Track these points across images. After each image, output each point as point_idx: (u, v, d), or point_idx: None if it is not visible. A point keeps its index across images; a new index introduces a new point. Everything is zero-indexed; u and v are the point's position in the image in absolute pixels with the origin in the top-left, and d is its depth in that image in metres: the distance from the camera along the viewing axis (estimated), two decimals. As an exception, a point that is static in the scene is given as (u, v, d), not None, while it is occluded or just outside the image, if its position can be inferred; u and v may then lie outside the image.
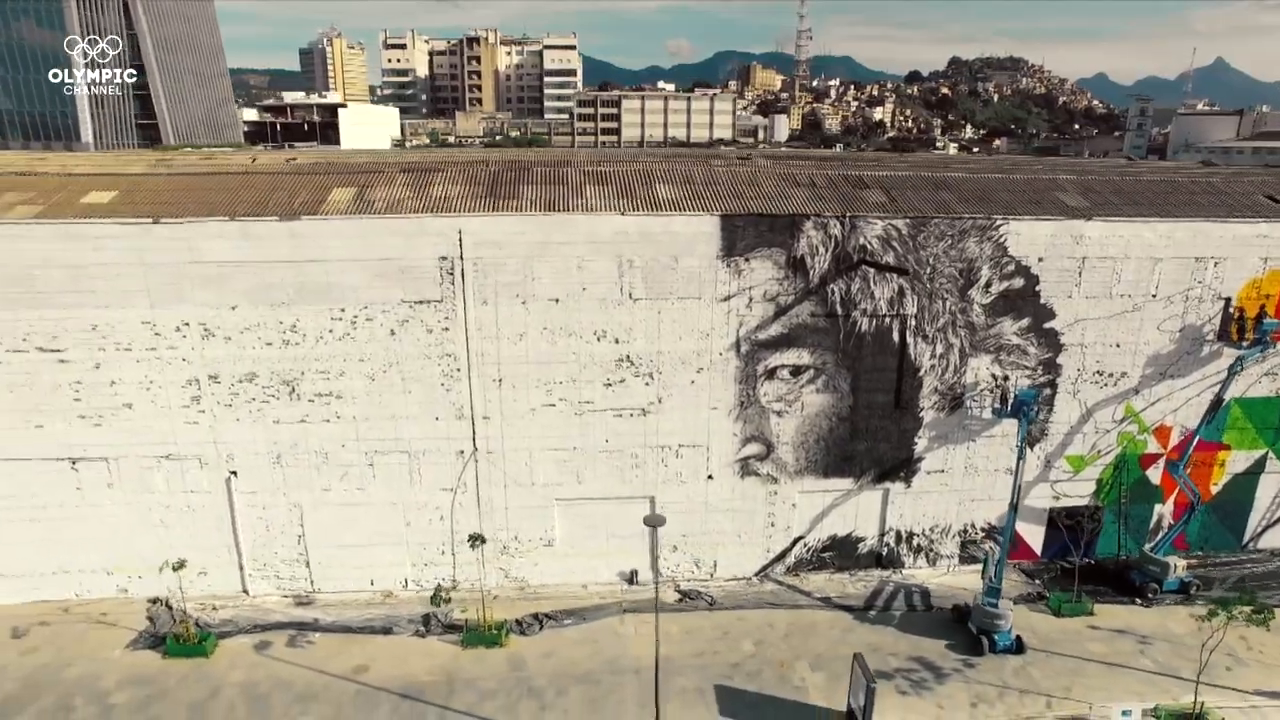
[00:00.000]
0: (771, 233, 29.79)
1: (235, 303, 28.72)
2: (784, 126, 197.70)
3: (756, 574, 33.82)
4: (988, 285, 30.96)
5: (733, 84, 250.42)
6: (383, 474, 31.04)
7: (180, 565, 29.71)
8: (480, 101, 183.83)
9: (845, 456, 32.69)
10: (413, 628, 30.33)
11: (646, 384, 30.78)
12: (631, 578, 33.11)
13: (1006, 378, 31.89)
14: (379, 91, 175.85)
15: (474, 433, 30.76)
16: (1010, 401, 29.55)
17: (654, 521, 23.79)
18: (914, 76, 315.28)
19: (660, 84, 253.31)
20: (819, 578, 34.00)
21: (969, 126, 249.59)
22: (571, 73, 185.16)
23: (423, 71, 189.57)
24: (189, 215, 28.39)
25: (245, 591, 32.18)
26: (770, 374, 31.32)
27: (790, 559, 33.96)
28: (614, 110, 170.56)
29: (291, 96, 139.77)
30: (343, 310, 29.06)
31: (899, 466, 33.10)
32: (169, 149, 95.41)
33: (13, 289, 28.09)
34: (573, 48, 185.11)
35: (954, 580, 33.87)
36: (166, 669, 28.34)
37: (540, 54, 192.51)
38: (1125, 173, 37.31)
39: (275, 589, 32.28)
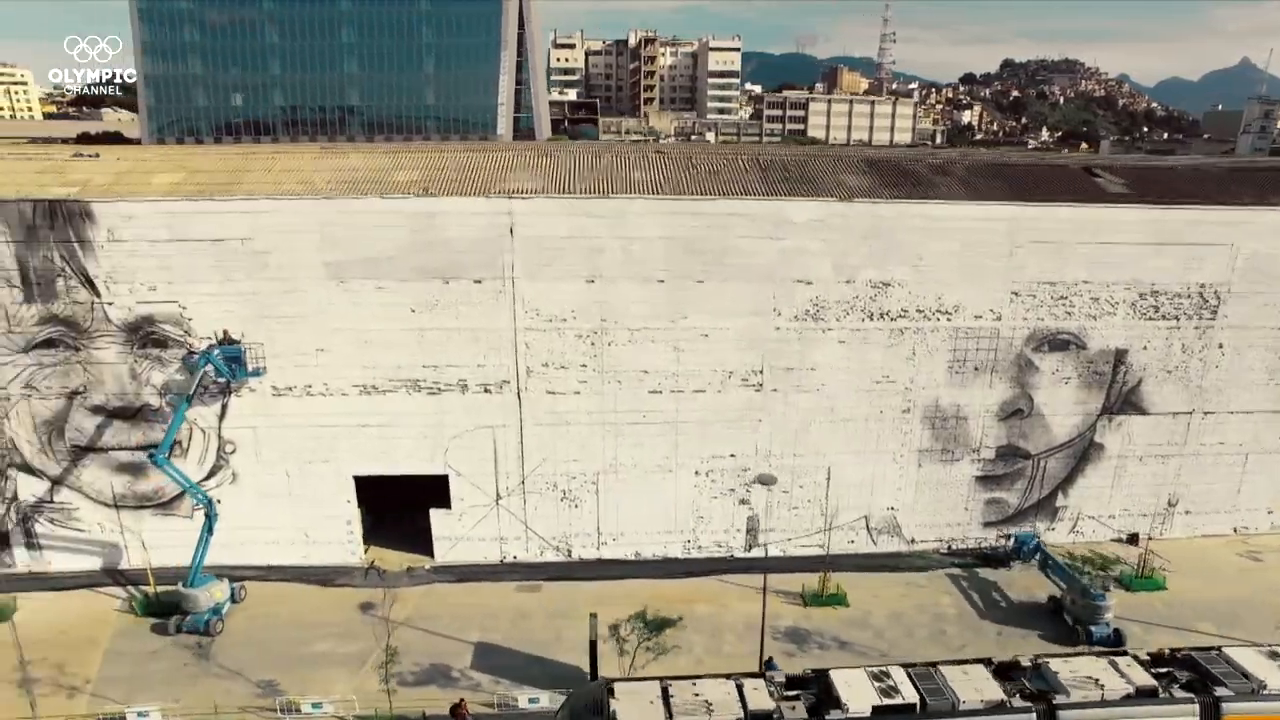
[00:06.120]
0: None
1: None
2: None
3: None
4: None
5: (819, 85, 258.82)
6: None
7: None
8: (652, 101, 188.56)
9: None
10: None
11: None
12: None
13: None
14: (550, 90, 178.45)
15: None
16: None
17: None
18: (968, 78, 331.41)
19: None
20: None
21: (1044, 129, 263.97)
22: (735, 74, 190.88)
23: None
24: None
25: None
26: None
27: None
28: (801, 112, 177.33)
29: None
30: None
31: None
32: (563, 140, 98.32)
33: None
34: (737, 50, 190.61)
35: None
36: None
37: (694, 55, 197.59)
38: None
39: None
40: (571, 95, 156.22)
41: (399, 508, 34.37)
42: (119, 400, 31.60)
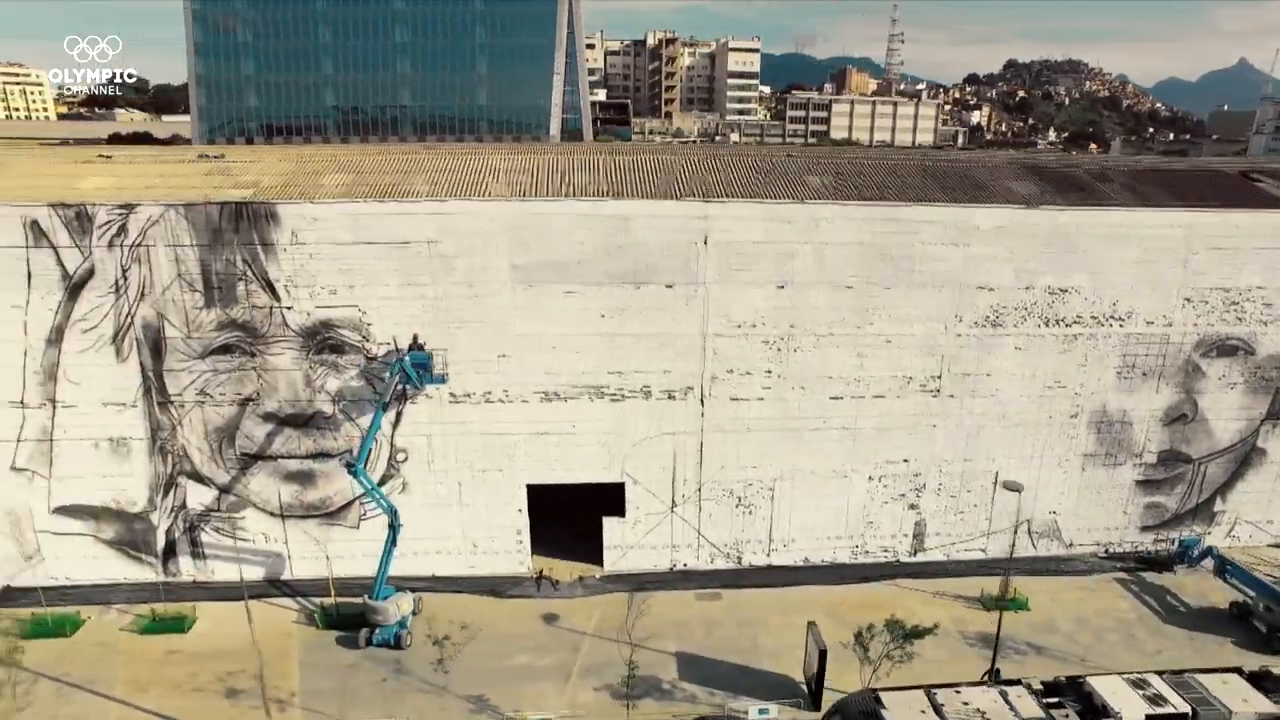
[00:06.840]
0: None
1: None
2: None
3: None
4: None
5: (828, 86, 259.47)
6: None
7: None
8: (673, 101, 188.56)
9: None
10: None
11: None
12: None
13: None
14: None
15: None
16: None
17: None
18: (973, 79, 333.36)
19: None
20: None
21: (1051, 130, 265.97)
22: (754, 75, 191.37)
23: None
24: None
25: None
26: None
27: None
28: (823, 114, 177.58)
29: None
30: None
31: None
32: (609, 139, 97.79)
33: None
34: (756, 51, 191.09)
35: None
36: None
37: (711, 57, 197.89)
38: None
39: None
40: (601, 95, 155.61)
41: (572, 516, 33.98)
42: (291, 407, 31.02)
